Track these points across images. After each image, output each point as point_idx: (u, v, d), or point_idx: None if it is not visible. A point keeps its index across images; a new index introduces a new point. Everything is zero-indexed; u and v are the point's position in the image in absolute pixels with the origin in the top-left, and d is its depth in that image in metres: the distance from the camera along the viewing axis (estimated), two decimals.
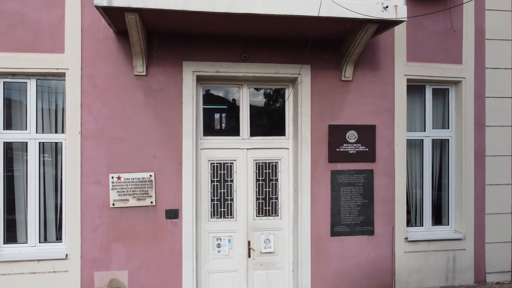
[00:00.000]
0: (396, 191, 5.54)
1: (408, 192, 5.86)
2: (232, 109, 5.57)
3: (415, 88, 5.82)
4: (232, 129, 5.57)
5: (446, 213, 5.98)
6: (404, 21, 4.56)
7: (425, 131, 5.87)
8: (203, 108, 5.42)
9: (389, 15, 4.46)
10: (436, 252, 5.68)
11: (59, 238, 5.10)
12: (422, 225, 5.87)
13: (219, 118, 5.65)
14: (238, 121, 5.51)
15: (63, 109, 5.06)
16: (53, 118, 5.10)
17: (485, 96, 5.80)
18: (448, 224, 5.93)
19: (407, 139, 5.70)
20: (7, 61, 4.74)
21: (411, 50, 5.59)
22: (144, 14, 4.19)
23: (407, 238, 5.58)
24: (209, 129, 5.51)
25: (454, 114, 5.89)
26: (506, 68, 5.83)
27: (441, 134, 5.92)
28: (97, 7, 3.99)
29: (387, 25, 4.67)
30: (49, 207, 5.10)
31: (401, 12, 4.49)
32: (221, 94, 5.54)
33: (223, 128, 5.63)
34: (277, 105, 5.66)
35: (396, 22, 4.59)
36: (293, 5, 4.24)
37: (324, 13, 4.29)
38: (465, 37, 5.73)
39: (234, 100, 5.56)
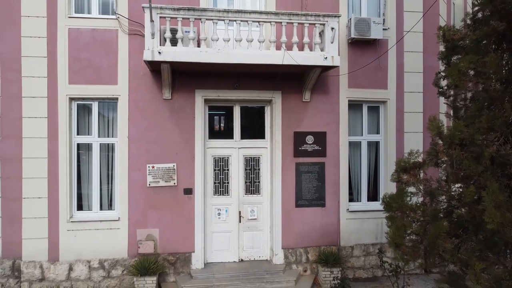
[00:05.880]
0: (340, 177, 8.06)
1: (351, 178, 8.37)
2: (228, 113, 8.05)
3: (355, 105, 8.33)
4: (228, 133, 8.03)
5: (378, 193, 8.49)
6: (338, 66, 7.09)
7: (362, 135, 8.40)
8: (209, 114, 7.89)
9: (328, 62, 6.99)
10: (369, 219, 8.19)
11: (110, 208, 7.57)
12: (361, 201, 8.40)
13: (218, 119, 8.12)
14: (233, 124, 7.98)
15: (113, 121, 7.53)
16: (107, 127, 7.59)
17: (404, 111, 8.32)
18: (379, 200, 8.44)
19: (349, 141, 8.22)
20: (80, 90, 7.23)
21: (351, 80, 8.08)
22: (172, 63, 6.68)
23: (348, 209, 8.11)
24: (212, 131, 7.95)
25: (383, 124, 8.41)
26: (418, 92, 8.35)
27: (374, 137, 8.45)
28: (145, 61, 6.51)
29: (328, 68, 7.20)
30: (104, 187, 7.58)
31: (336, 60, 7.02)
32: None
33: (221, 129, 8.07)
34: (259, 118, 8.17)
35: (333, 67, 7.13)
36: (266, 58, 6.76)
37: (286, 62, 6.79)
38: (390, 70, 8.24)
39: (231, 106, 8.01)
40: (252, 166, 8.08)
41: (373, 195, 8.53)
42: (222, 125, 8.19)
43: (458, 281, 3.39)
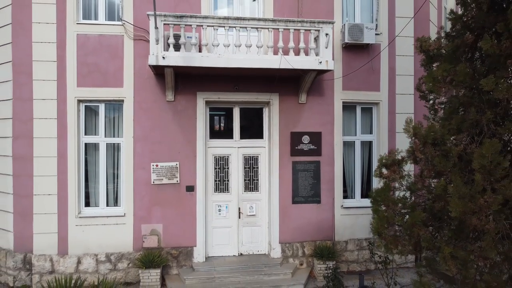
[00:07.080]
0: (335, 175, 8.46)
1: (345, 176, 8.77)
2: (228, 114, 8.47)
3: (349, 107, 8.72)
4: (228, 133, 8.44)
5: (371, 190, 8.87)
6: (332, 70, 7.49)
7: (356, 135, 8.80)
8: (210, 114, 8.29)
9: (322, 66, 7.38)
10: (362, 215, 8.55)
11: (116, 204, 7.97)
12: (354, 198, 8.80)
13: (219, 120, 8.54)
14: (232, 125, 8.38)
15: (119, 122, 7.93)
16: (113, 127, 7.99)
17: (396, 113, 8.71)
18: None
19: (344, 141, 8.61)
20: (88, 93, 7.63)
21: (345, 82, 8.47)
22: (175, 67, 7.08)
23: (343, 205, 8.51)
24: (213, 131, 8.36)
25: (376, 124, 8.80)
26: (409, 94, 8.75)
27: (367, 137, 8.85)
28: (150, 66, 6.91)
29: (322, 72, 7.60)
30: (110, 184, 7.98)
31: (330, 64, 7.42)
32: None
33: (222, 129, 8.48)
34: (258, 118, 8.57)
35: (327, 70, 7.53)
36: (264, 62, 7.16)
37: (282, 66, 7.19)
38: (382, 73, 8.64)
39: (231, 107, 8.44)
40: (251, 164, 8.48)
41: (366, 192, 8.90)
42: (222, 125, 8.60)
43: (432, 265, 3.80)
